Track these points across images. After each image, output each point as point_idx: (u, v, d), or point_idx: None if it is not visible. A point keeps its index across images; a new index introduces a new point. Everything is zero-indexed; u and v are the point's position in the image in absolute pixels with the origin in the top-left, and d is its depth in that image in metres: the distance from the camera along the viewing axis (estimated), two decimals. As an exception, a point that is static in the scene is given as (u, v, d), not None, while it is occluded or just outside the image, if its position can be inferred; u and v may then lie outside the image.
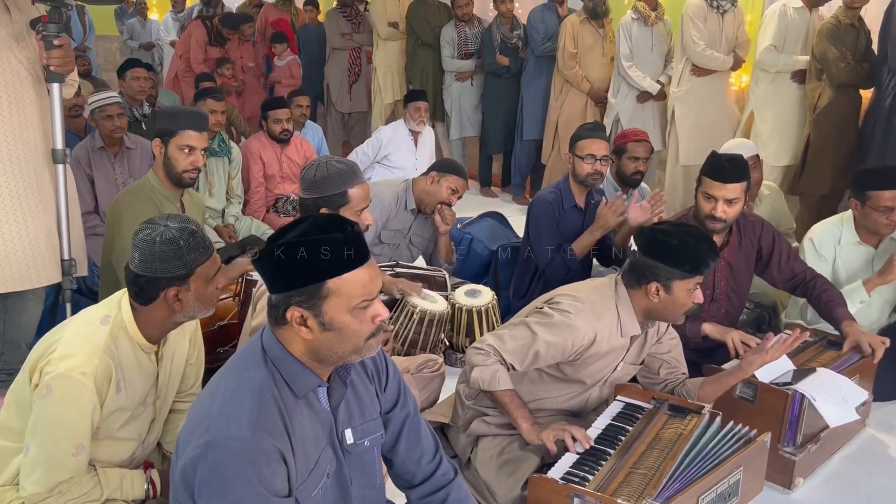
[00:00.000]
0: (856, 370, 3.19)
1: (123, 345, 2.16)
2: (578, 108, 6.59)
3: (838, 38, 5.24)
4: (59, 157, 3.01)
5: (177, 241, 2.13)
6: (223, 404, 1.69)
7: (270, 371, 1.73)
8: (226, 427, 1.65)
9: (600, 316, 2.64)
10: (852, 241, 3.69)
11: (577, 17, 6.52)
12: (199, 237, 2.19)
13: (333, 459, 1.84)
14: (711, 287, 3.44)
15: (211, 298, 2.23)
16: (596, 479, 2.40)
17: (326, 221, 1.72)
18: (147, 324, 2.19)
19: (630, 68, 6.16)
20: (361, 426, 1.90)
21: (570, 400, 2.81)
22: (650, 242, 2.61)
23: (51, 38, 2.87)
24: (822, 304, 3.41)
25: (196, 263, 2.16)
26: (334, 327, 1.69)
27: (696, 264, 2.55)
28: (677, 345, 2.93)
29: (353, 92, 8.04)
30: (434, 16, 7.49)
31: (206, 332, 3.46)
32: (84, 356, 2.06)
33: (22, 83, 2.96)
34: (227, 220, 5.21)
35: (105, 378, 2.09)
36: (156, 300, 2.16)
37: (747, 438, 2.64)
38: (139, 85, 5.68)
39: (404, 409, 2.02)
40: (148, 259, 2.12)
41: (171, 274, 2.13)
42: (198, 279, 2.17)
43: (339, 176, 2.80)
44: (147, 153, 4.91)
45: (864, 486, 3.05)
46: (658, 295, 2.60)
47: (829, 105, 5.34)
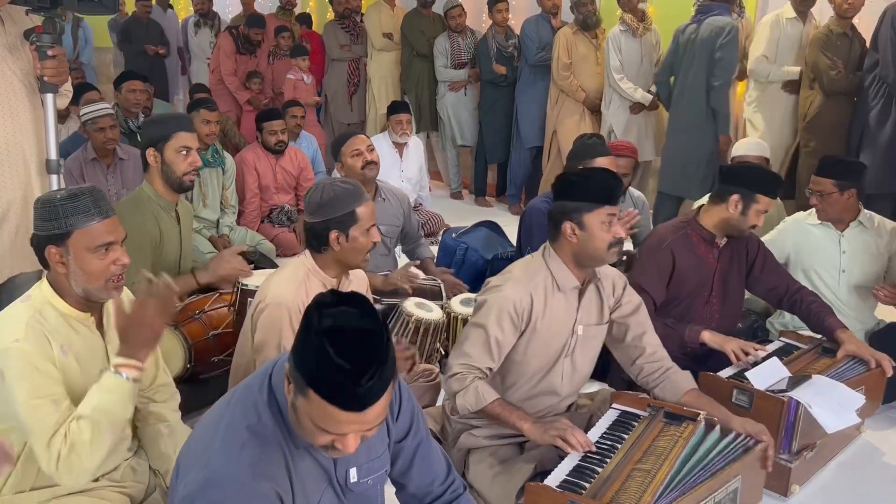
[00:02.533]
0: (861, 381, 3.16)
1: (51, 316, 2.15)
2: (575, 117, 6.62)
3: (830, 48, 5.27)
4: (53, 168, 3.00)
5: (53, 199, 2.14)
6: (225, 441, 1.67)
7: (275, 414, 1.71)
8: (225, 466, 1.64)
9: (530, 277, 2.67)
10: (816, 221, 3.85)
11: (570, 29, 6.56)
12: (86, 201, 2.15)
13: (335, 501, 1.84)
14: (708, 292, 3.45)
15: (99, 271, 2.16)
16: (592, 486, 2.38)
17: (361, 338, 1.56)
18: (64, 294, 2.19)
19: (621, 80, 6.20)
20: (367, 465, 1.89)
21: (543, 377, 2.77)
22: (557, 188, 2.65)
23: (45, 48, 2.86)
24: (811, 314, 3.42)
25: (72, 225, 2.13)
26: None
27: (599, 191, 2.58)
28: (639, 307, 2.88)
29: (353, 102, 8.08)
30: (429, 26, 7.54)
31: (201, 341, 3.48)
32: (9, 328, 2.09)
33: (16, 94, 2.94)
34: (222, 231, 5.20)
35: (39, 339, 2.09)
36: (48, 262, 2.17)
37: (746, 447, 2.63)
38: (135, 97, 5.70)
39: (416, 436, 2.01)
40: (35, 218, 2.18)
41: (48, 232, 2.14)
42: (78, 244, 2.14)
43: (346, 196, 2.74)
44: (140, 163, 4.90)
45: (860, 493, 3.05)
46: (575, 234, 2.60)
47: (819, 113, 5.38)
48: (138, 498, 2.36)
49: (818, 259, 3.83)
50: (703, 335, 3.25)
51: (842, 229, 3.83)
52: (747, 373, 3.06)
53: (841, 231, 3.82)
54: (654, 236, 3.53)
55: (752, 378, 3.02)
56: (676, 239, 3.40)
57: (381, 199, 4.17)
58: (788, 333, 3.57)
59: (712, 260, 3.43)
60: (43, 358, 2.08)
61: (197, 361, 3.46)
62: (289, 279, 2.74)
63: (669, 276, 3.39)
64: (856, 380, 3.15)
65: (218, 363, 3.46)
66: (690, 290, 3.42)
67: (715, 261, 3.44)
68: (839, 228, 3.83)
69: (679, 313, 3.42)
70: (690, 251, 3.40)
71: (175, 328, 3.41)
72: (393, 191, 4.33)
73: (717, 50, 5.38)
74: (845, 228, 3.82)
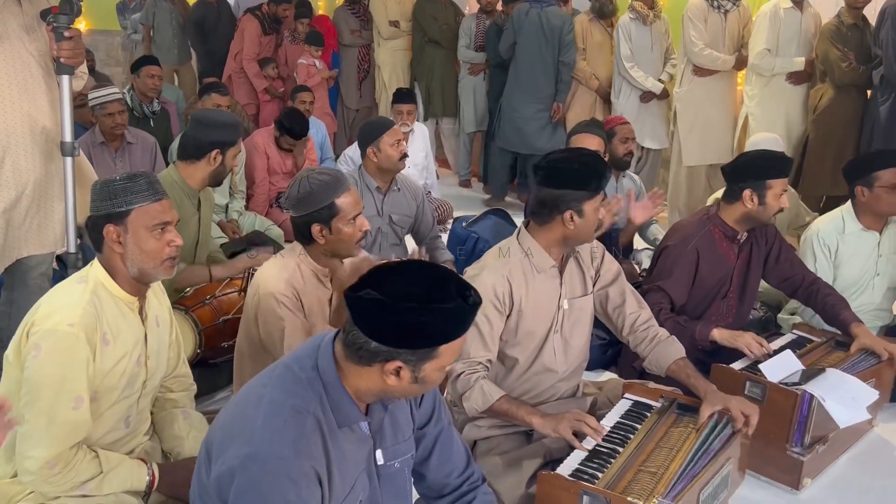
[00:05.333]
0: (872, 374, 3.17)
1: (104, 297, 2.18)
2: (587, 105, 6.60)
3: (840, 39, 5.24)
4: (68, 150, 2.99)
5: (113, 181, 2.18)
6: (268, 418, 1.67)
7: (318, 393, 1.72)
8: (269, 443, 1.64)
9: (504, 262, 2.68)
10: (856, 228, 3.68)
11: (587, 16, 6.53)
12: (143, 182, 2.19)
13: (367, 485, 1.84)
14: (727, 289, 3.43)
15: (156, 251, 2.20)
16: (605, 477, 2.38)
17: (447, 281, 1.68)
18: (116, 276, 2.21)
19: (632, 69, 6.16)
20: (393, 447, 1.90)
21: (537, 356, 2.77)
22: (552, 174, 2.65)
23: (61, 29, 2.85)
24: (826, 307, 3.40)
25: (131, 203, 2.16)
26: (425, 381, 1.71)
27: (599, 181, 2.63)
28: (619, 275, 2.90)
29: (362, 88, 8.04)
30: (441, 12, 7.50)
31: (211, 327, 3.49)
32: (68, 309, 2.09)
33: (32, 75, 2.94)
34: (231, 216, 5.18)
35: (91, 327, 2.10)
36: (103, 243, 2.19)
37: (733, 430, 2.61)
38: (153, 83, 5.70)
39: (438, 424, 2.01)
40: (92, 199, 2.20)
41: (108, 211, 2.16)
42: (137, 223, 2.17)
43: (323, 188, 2.71)
44: (149, 147, 4.89)
45: (871, 488, 3.04)
46: (573, 221, 2.63)
47: (830, 105, 5.36)
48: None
49: (855, 268, 3.70)
50: (713, 334, 3.21)
51: (879, 229, 3.69)
52: (760, 365, 3.04)
53: (878, 231, 3.69)
54: (677, 234, 3.45)
55: (765, 370, 3.01)
56: (701, 237, 3.35)
57: (396, 190, 4.16)
58: (801, 326, 3.56)
59: (733, 257, 3.40)
60: (88, 351, 2.09)
61: (207, 346, 3.50)
62: (280, 267, 2.77)
63: (693, 277, 3.35)
64: (866, 372, 3.15)
65: (228, 348, 3.46)
66: (709, 289, 3.39)
67: (735, 257, 3.41)
68: (876, 228, 3.69)
69: (693, 310, 3.39)
70: (713, 250, 3.36)
71: (186, 312, 3.43)
72: (408, 182, 4.31)
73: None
74: (883, 228, 3.69)
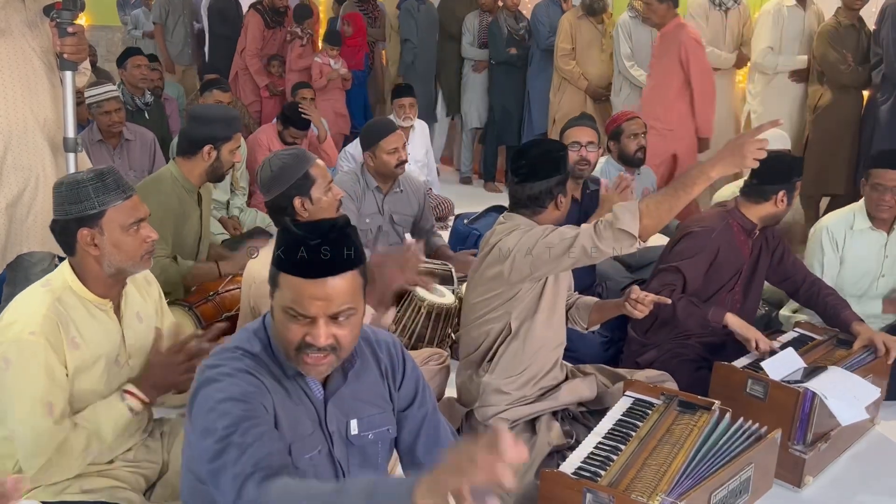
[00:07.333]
0: (869, 370, 3.18)
1: (71, 302, 2.15)
2: (576, 104, 6.55)
3: (838, 40, 5.24)
4: (71, 146, 2.98)
5: (80, 181, 2.14)
6: (218, 355, 1.80)
7: (262, 339, 1.82)
8: (219, 365, 1.75)
9: None
10: (864, 226, 3.68)
11: (575, 14, 6.49)
12: (111, 180, 2.17)
13: (324, 442, 1.85)
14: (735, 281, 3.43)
15: (133, 249, 2.18)
16: (608, 474, 2.40)
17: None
18: (88, 278, 2.19)
19: (632, 68, 6.14)
20: (368, 418, 1.90)
21: (558, 327, 2.91)
22: (536, 166, 2.76)
23: (64, 25, 2.83)
24: (828, 308, 3.42)
25: (104, 204, 2.14)
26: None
27: (571, 164, 2.92)
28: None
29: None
30: (462, 9, 7.46)
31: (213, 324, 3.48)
32: (27, 317, 2.08)
33: (35, 71, 2.93)
34: (232, 212, 5.19)
35: (54, 333, 2.08)
36: (75, 247, 2.16)
37: (758, 435, 2.64)
38: (140, 73, 5.65)
39: (422, 407, 2.00)
40: (58, 202, 2.15)
41: (80, 214, 2.13)
42: (111, 223, 2.15)
43: (295, 161, 2.78)
44: (147, 144, 4.88)
45: (873, 485, 3.05)
46: (563, 202, 2.81)
47: (829, 106, 5.36)
48: (152, 478, 2.36)
49: (859, 269, 3.70)
50: (727, 318, 3.21)
51: (887, 229, 3.68)
52: (762, 363, 3.05)
53: (886, 231, 3.68)
54: (702, 222, 3.44)
55: (767, 368, 3.02)
56: (722, 229, 3.36)
57: (398, 191, 4.17)
58: (803, 324, 3.56)
59: (747, 251, 3.42)
60: (53, 357, 2.07)
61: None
62: (271, 255, 2.77)
63: (709, 265, 3.36)
64: (864, 368, 3.17)
65: (231, 346, 3.47)
66: (721, 279, 3.40)
67: (749, 251, 3.42)
68: (884, 228, 3.68)
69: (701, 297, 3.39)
70: (731, 242, 3.37)
71: (189, 309, 3.43)
72: (411, 183, 4.30)
73: None
74: (891, 229, 3.68)
